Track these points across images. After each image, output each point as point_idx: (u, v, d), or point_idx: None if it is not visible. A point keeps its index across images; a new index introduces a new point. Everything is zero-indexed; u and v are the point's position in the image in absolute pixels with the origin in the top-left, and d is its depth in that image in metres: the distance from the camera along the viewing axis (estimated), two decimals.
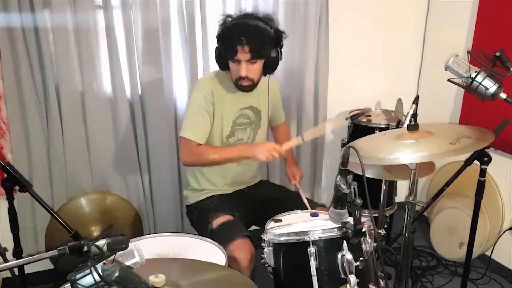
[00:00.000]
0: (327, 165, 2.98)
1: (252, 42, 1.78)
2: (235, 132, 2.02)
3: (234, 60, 1.83)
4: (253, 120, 2.07)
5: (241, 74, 1.85)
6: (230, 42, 1.81)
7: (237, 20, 1.86)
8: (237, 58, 1.81)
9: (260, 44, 1.81)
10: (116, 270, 0.91)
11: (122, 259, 1.05)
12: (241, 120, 2.02)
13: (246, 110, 2.03)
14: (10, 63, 2.12)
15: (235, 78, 1.89)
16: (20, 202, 2.20)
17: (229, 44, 1.81)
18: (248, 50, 1.79)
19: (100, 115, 2.31)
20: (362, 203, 1.27)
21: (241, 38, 1.77)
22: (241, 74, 1.85)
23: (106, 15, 2.20)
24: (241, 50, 1.79)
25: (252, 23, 1.83)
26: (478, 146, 1.55)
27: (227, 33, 1.84)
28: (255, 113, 2.07)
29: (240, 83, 1.88)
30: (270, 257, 1.53)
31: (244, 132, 2.05)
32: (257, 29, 1.82)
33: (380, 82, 2.99)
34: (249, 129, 2.07)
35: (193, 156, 1.92)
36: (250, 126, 2.07)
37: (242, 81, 1.88)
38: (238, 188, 2.13)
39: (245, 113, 2.03)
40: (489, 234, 2.54)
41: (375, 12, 2.84)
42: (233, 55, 1.82)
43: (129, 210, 2.42)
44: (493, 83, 1.60)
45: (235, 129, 2.01)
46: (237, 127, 2.02)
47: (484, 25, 2.53)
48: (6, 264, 1.12)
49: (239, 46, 1.79)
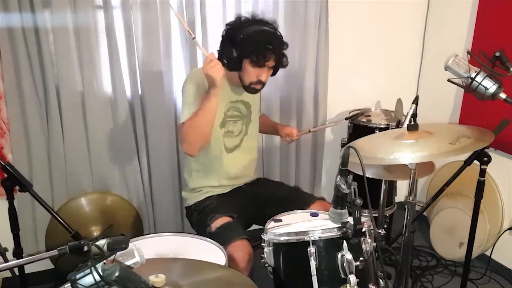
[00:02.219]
0: (327, 165, 2.98)
1: (278, 51, 1.90)
2: (225, 123, 2.02)
3: (258, 65, 1.87)
4: (244, 114, 2.09)
5: (262, 79, 1.92)
6: (260, 48, 1.85)
7: (262, 26, 1.89)
8: (265, 64, 1.88)
9: (283, 54, 1.94)
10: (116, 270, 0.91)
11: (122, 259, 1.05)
12: (232, 112, 2.03)
13: (237, 104, 2.05)
14: (10, 63, 2.12)
15: (250, 82, 1.92)
16: (20, 202, 2.21)
17: (260, 50, 1.85)
18: (274, 59, 1.90)
19: (100, 115, 2.31)
20: (362, 203, 1.27)
21: (270, 47, 1.86)
22: (261, 79, 1.92)
23: (106, 15, 2.20)
24: (268, 58, 1.87)
25: (274, 31, 1.91)
26: (478, 146, 1.55)
27: (258, 38, 1.85)
28: (247, 107, 2.09)
29: (254, 86, 1.94)
30: (270, 257, 1.54)
31: (234, 124, 2.06)
32: (278, 37, 1.92)
33: (380, 82, 2.99)
34: (240, 122, 2.08)
35: (183, 135, 1.88)
36: (241, 120, 2.08)
37: (257, 85, 1.94)
38: (236, 186, 2.13)
39: (236, 106, 2.05)
40: (489, 234, 2.54)
41: (375, 12, 2.84)
42: (261, 61, 1.86)
43: (129, 210, 2.42)
44: (492, 83, 1.60)
45: (226, 120, 2.02)
46: (228, 118, 2.03)
47: (483, 25, 2.53)
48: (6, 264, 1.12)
49: (268, 53, 1.86)
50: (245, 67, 1.89)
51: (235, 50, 1.86)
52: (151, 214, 2.55)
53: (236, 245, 1.77)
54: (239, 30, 1.87)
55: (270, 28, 1.91)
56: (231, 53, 1.87)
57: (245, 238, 1.82)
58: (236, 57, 1.87)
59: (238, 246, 1.77)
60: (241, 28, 1.88)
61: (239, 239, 1.79)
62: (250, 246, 1.81)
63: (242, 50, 1.86)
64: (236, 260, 1.73)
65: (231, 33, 1.90)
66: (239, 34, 1.86)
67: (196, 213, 2.05)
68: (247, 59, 1.87)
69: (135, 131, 2.41)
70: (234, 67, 1.91)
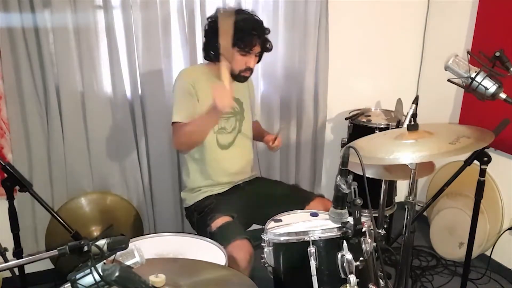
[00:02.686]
0: (327, 165, 2.99)
1: (263, 36, 1.97)
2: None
3: (245, 52, 1.92)
4: (237, 111, 2.10)
5: (250, 65, 1.97)
6: (246, 35, 1.90)
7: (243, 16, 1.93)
8: (252, 51, 1.93)
9: (267, 39, 2.01)
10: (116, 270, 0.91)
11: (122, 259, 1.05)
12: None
13: None
14: (10, 63, 2.12)
15: (239, 70, 1.97)
16: (20, 202, 2.21)
17: (246, 37, 1.90)
18: (259, 44, 1.96)
19: (100, 115, 2.31)
20: (362, 203, 1.27)
21: (255, 33, 1.93)
22: (250, 65, 1.97)
23: (106, 15, 2.20)
24: (254, 43, 1.93)
25: (256, 18, 1.97)
26: (478, 146, 1.56)
27: (243, 26, 1.89)
28: (239, 104, 2.11)
29: (243, 74, 1.99)
30: (270, 257, 1.54)
31: (227, 121, 2.06)
32: (261, 23, 1.98)
33: (380, 82, 2.99)
34: (233, 119, 2.08)
35: (175, 137, 1.95)
36: (234, 117, 2.09)
37: (246, 73, 1.99)
38: (234, 184, 2.13)
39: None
40: (488, 234, 2.54)
41: (375, 12, 2.84)
42: (248, 48, 1.92)
43: (129, 210, 2.42)
44: (492, 83, 1.60)
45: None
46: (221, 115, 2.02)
47: (484, 25, 2.53)
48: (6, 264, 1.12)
49: (254, 39, 1.92)
50: (233, 56, 1.92)
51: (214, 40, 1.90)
52: (151, 214, 2.55)
53: (236, 244, 1.77)
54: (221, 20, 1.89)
55: (251, 15, 1.97)
56: (217, 45, 1.91)
57: (245, 238, 1.82)
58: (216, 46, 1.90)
59: (239, 245, 1.77)
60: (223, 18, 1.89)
61: (240, 238, 1.79)
62: (250, 246, 1.81)
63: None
64: (236, 260, 1.73)
65: (214, 25, 1.92)
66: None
67: (196, 213, 2.05)
68: (234, 47, 1.91)
69: (135, 131, 2.41)
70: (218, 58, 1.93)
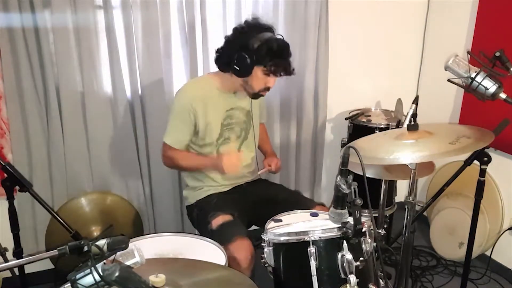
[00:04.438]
0: (327, 165, 2.98)
1: (288, 60, 1.91)
2: (223, 133, 2.03)
3: (271, 73, 1.87)
4: (242, 120, 2.09)
5: (270, 85, 1.94)
6: (277, 58, 1.85)
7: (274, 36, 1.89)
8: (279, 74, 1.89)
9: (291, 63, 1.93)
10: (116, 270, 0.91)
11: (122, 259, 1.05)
12: (228, 121, 2.04)
13: (233, 111, 2.05)
14: (10, 63, 2.12)
15: (259, 89, 1.92)
16: (20, 202, 2.21)
17: (277, 60, 1.85)
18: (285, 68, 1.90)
19: (100, 115, 2.31)
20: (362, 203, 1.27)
21: (285, 55, 1.87)
22: (270, 86, 1.93)
23: (106, 15, 2.20)
24: (284, 69, 1.89)
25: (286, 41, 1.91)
26: (478, 146, 1.56)
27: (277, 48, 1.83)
28: (244, 114, 2.09)
29: (261, 93, 1.96)
30: (270, 257, 1.53)
31: (231, 131, 2.06)
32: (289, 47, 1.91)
33: (380, 82, 2.99)
34: (237, 128, 2.07)
35: (166, 159, 2.04)
36: (239, 126, 2.08)
37: (264, 92, 1.95)
38: (237, 184, 2.13)
39: (232, 114, 2.04)
40: (488, 234, 2.55)
41: (375, 12, 2.84)
42: (277, 71, 1.88)
43: (129, 210, 2.42)
44: (492, 83, 1.60)
45: (223, 130, 2.03)
46: (225, 128, 2.04)
47: (484, 25, 2.53)
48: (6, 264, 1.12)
49: (284, 63, 1.87)
50: (255, 74, 1.87)
51: (249, 57, 1.83)
52: (151, 214, 2.55)
53: (237, 244, 1.76)
54: (251, 36, 1.84)
55: (281, 37, 1.91)
56: (242, 59, 1.84)
57: (246, 237, 1.81)
58: (249, 63, 1.84)
59: (240, 245, 1.77)
60: (253, 33, 1.85)
61: (241, 237, 1.79)
62: (251, 245, 1.80)
63: (259, 58, 1.83)
64: (237, 259, 1.73)
65: (242, 38, 1.86)
66: (253, 40, 1.82)
67: (197, 210, 2.06)
68: (261, 66, 1.85)
69: (135, 131, 2.41)
70: (243, 73, 1.88)
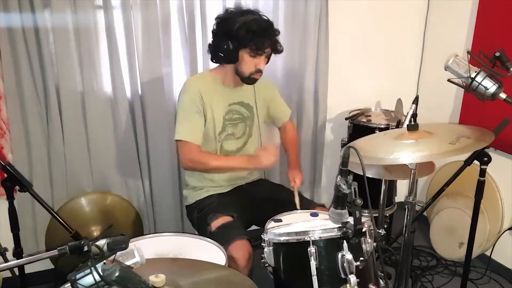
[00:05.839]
0: (327, 165, 2.98)
1: (273, 38, 1.91)
2: (225, 127, 2.03)
3: (256, 54, 1.88)
4: (246, 116, 2.08)
5: (260, 67, 1.92)
6: (257, 37, 1.84)
7: (254, 16, 1.88)
8: (263, 53, 1.89)
9: (277, 40, 1.95)
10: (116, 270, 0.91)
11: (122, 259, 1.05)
12: (231, 115, 2.03)
13: (236, 106, 2.04)
14: (10, 63, 2.12)
15: (250, 72, 1.92)
16: (20, 202, 2.21)
17: (257, 39, 1.84)
18: (270, 46, 1.91)
19: (100, 115, 2.31)
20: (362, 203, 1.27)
21: (267, 34, 1.87)
22: (260, 67, 1.92)
23: (106, 15, 2.20)
24: (266, 45, 1.89)
25: (269, 20, 1.92)
26: (478, 146, 1.55)
27: (255, 27, 1.84)
28: (247, 109, 2.09)
29: (254, 76, 1.95)
30: (270, 257, 1.54)
31: (235, 127, 2.06)
32: (271, 24, 1.92)
33: (380, 82, 2.99)
34: (241, 124, 2.07)
35: (195, 161, 1.94)
36: (243, 122, 2.08)
37: (256, 75, 1.95)
38: (237, 185, 2.13)
39: (235, 109, 2.04)
40: (488, 234, 2.55)
41: (375, 12, 2.84)
42: (260, 50, 1.87)
43: (129, 210, 2.42)
44: (492, 83, 1.60)
45: (225, 125, 2.03)
46: (227, 122, 2.03)
47: (484, 25, 2.53)
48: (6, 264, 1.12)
49: (266, 41, 1.87)
50: (242, 58, 1.89)
51: (231, 42, 1.86)
52: (151, 214, 2.55)
53: (236, 245, 1.77)
54: (232, 22, 1.86)
55: (261, 16, 1.92)
56: (227, 46, 1.87)
57: (245, 238, 1.82)
58: (233, 49, 1.86)
59: (239, 246, 1.77)
60: (233, 19, 1.86)
61: (240, 239, 1.79)
62: (250, 246, 1.81)
63: (240, 40, 1.85)
64: (236, 260, 1.73)
65: (223, 25, 1.90)
66: (233, 25, 1.84)
67: (197, 211, 2.06)
68: (245, 49, 1.87)
69: (135, 131, 2.41)
70: (231, 60, 1.91)
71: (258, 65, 1.91)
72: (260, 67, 1.92)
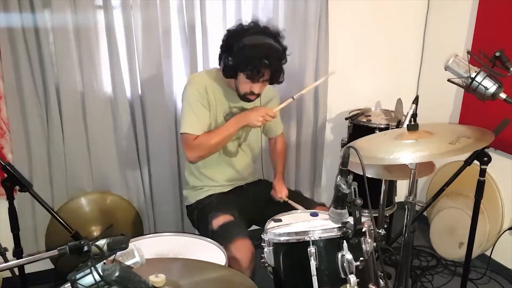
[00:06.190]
0: (327, 165, 2.98)
1: (274, 67, 1.84)
2: None
3: (252, 79, 1.84)
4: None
5: (255, 91, 1.89)
6: (255, 63, 1.79)
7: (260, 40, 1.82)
8: (259, 80, 1.84)
9: (280, 69, 1.88)
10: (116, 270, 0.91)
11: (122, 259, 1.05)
12: (229, 117, 2.02)
13: (236, 109, 2.04)
14: (10, 63, 2.12)
15: (244, 92, 1.90)
16: (20, 202, 2.21)
17: (255, 65, 1.79)
18: (269, 74, 1.85)
19: (100, 115, 2.31)
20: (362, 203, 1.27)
21: (266, 62, 1.79)
22: (254, 91, 1.89)
23: (106, 15, 2.20)
24: (263, 73, 1.83)
25: (274, 46, 1.84)
26: (478, 146, 1.55)
27: (253, 53, 1.79)
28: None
29: (248, 97, 1.92)
30: (270, 257, 1.54)
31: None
32: (278, 52, 1.85)
33: (380, 82, 2.99)
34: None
35: (195, 149, 1.90)
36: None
37: (251, 96, 1.91)
38: (237, 185, 2.14)
39: (235, 112, 2.04)
40: (488, 234, 2.54)
41: (375, 12, 2.84)
42: (255, 77, 1.82)
43: (129, 210, 2.42)
44: (492, 83, 1.60)
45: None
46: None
47: (484, 25, 2.53)
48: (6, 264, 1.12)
49: (263, 69, 1.81)
50: (239, 77, 1.87)
51: (231, 60, 1.83)
52: (151, 214, 2.55)
53: (238, 244, 1.77)
54: (238, 39, 1.83)
55: (271, 41, 1.84)
56: (227, 61, 1.84)
57: (247, 237, 1.82)
58: (231, 66, 1.84)
59: (240, 245, 1.77)
60: (241, 36, 1.83)
61: (241, 238, 1.79)
62: (252, 246, 1.81)
63: (237, 62, 1.82)
64: (238, 259, 1.73)
65: (230, 40, 1.86)
66: (237, 43, 1.82)
67: (197, 211, 2.06)
68: (241, 72, 1.84)
69: (135, 131, 2.41)
70: (229, 75, 1.89)
71: (252, 89, 1.88)
72: (254, 91, 1.89)
